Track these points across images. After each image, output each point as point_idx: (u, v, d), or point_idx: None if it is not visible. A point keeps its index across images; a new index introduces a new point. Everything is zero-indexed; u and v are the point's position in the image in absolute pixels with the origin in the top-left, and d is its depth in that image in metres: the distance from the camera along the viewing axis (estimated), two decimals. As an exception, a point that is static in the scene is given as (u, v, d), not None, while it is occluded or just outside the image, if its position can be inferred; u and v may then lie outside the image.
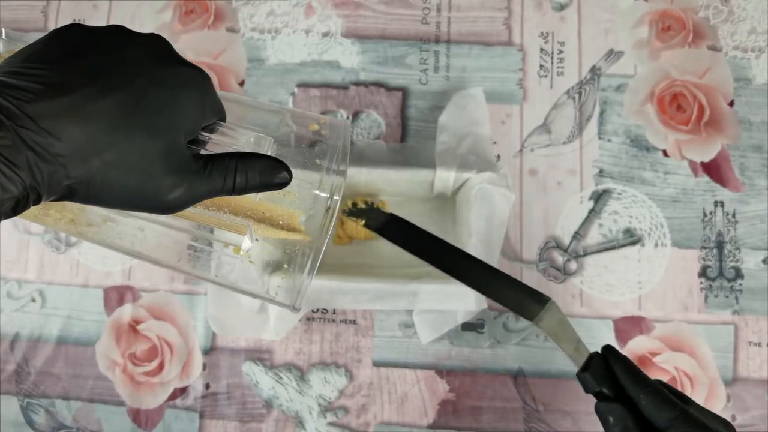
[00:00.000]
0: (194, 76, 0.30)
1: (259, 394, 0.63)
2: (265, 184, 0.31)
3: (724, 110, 0.66)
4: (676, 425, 0.37)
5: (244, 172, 0.30)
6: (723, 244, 0.64)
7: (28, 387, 0.64)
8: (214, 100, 0.32)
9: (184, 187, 0.29)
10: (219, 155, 0.31)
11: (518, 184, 0.65)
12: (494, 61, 0.68)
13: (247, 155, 0.31)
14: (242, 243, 0.36)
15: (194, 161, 0.30)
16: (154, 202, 0.29)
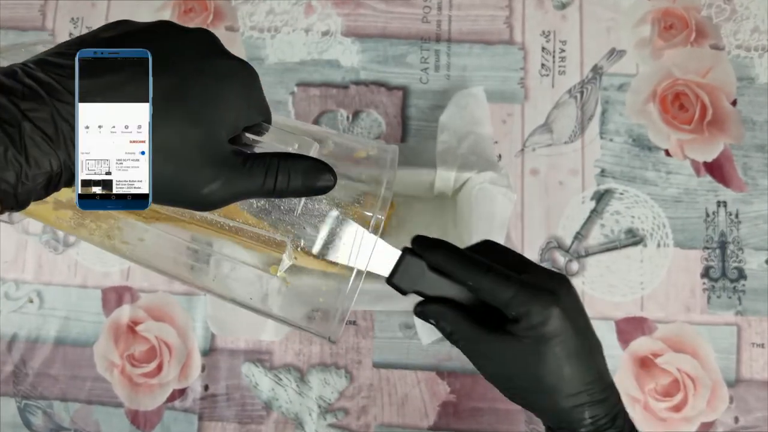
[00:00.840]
0: (239, 69, 0.30)
1: (258, 395, 0.63)
2: (308, 186, 0.30)
3: (727, 110, 0.66)
4: (514, 303, 0.34)
5: (286, 171, 0.29)
6: (726, 244, 0.64)
7: (26, 388, 0.64)
8: (258, 97, 0.31)
9: (221, 181, 0.28)
10: (261, 153, 0.29)
11: (519, 184, 0.65)
12: (495, 60, 0.68)
13: (290, 155, 0.30)
14: (281, 263, 0.36)
15: (234, 156, 0.28)
16: (189, 194, 0.28)
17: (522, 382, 0.36)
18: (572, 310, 0.35)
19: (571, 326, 0.35)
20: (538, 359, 0.34)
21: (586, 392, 0.35)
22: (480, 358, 0.36)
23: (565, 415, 0.35)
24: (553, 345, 0.34)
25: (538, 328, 0.34)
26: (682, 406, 0.61)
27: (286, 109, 0.67)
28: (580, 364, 0.35)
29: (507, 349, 0.35)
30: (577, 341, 0.35)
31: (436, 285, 0.36)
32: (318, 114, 0.67)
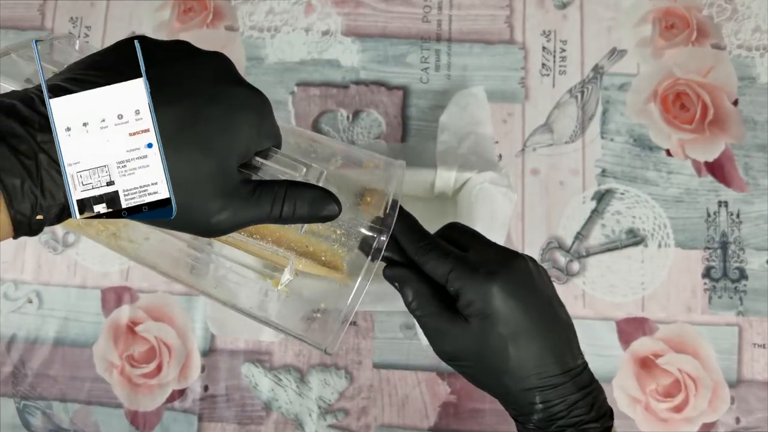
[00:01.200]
0: (253, 97, 0.30)
1: (258, 396, 0.63)
2: (313, 215, 0.30)
3: (728, 109, 0.66)
4: (451, 279, 0.35)
5: (292, 201, 0.30)
6: (727, 244, 0.64)
7: (25, 389, 0.64)
8: (271, 125, 0.31)
9: (230, 211, 0.28)
10: (269, 182, 0.30)
11: (520, 183, 0.66)
12: (496, 59, 0.68)
13: (297, 184, 0.30)
14: (281, 276, 0.36)
15: (243, 186, 0.29)
16: (198, 224, 0.28)
17: (469, 362, 0.35)
18: (520, 288, 0.35)
19: (516, 305, 0.34)
20: (482, 339, 0.34)
21: (536, 375, 0.34)
22: (432, 332, 0.36)
23: (515, 399, 0.35)
24: (494, 324, 0.34)
25: (476, 305, 0.34)
26: (684, 407, 0.61)
27: (286, 109, 0.68)
28: (529, 345, 0.34)
29: (454, 327, 0.35)
30: (525, 321, 0.34)
31: (403, 256, 0.37)
32: (318, 114, 0.67)
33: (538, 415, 0.34)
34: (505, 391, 0.35)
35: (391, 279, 0.37)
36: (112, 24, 0.69)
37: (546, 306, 0.36)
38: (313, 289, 0.41)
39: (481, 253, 0.36)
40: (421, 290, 0.36)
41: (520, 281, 0.35)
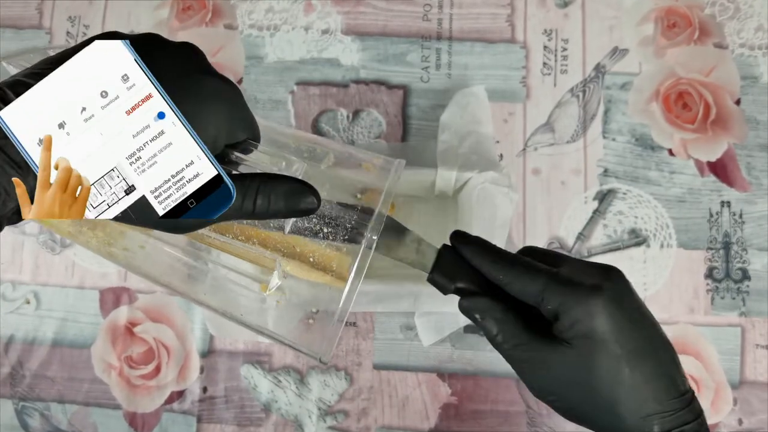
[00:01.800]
0: (221, 87, 0.28)
1: (257, 397, 0.63)
2: (290, 208, 0.28)
3: (731, 109, 0.66)
4: (548, 296, 0.31)
5: (266, 194, 0.28)
6: (730, 244, 0.64)
7: (23, 390, 0.64)
8: (242, 115, 0.30)
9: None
10: (240, 175, 0.28)
11: (521, 183, 0.65)
12: (497, 58, 0.68)
13: (271, 176, 0.28)
14: (270, 280, 0.34)
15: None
16: (161, 221, 0.26)
17: (575, 393, 0.31)
18: (624, 303, 0.31)
19: (626, 321, 0.31)
20: (590, 363, 0.30)
21: (655, 399, 0.30)
22: (525, 365, 0.32)
23: (629, 429, 0.31)
24: (605, 344, 0.30)
25: (582, 324, 0.30)
26: (686, 408, 0.61)
27: (286, 108, 0.67)
28: (644, 366, 0.31)
29: (553, 354, 0.31)
30: (636, 338, 0.31)
31: (476, 281, 0.34)
32: (318, 113, 0.67)
33: None
34: (620, 423, 0.31)
35: (470, 311, 0.33)
36: (111, 23, 0.69)
37: (651, 323, 0.33)
38: (306, 294, 0.40)
39: (574, 267, 0.32)
40: (507, 318, 0.32)
41: (625, 295, 0.32)
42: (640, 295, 0.63)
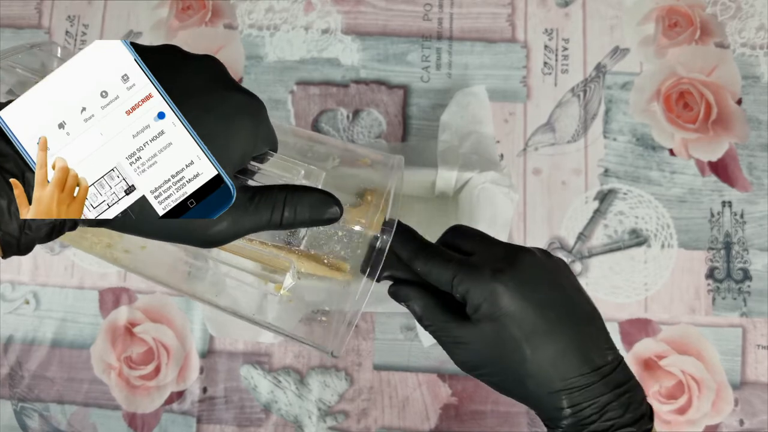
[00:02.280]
0: (248, 103, 0.29)
1: (257, 398, 0.63)
2: (314, 219, 0.30)
3: (732, 108, 0.66)
4: (456, 283, 0.34)
5: (293, 206, 0.29)
6: (731, 245, 0.64)
7: (22, 391, 0.64)
8: (267, 130, 0.31)
9: (229, 222, 0.27)
10: (267, 188, 0.29)
11: (522, 183, 0.66)
12: (497, 58, 0.68)
13: (296, 188, 0.30)
14: (284, 280, 0.35)
15: (241, 194, 0.28)
16: (196, 236, 0.27)
17: (488, 368, 0.34)
18: (529, 284, 0.33)
19: (526, 302, 0.33)
20: (495, 343, 0.33)
21: (559, 377, 0.32)
22: (448, 345, 0.35)
23: (541, 404, 0.33)
24: (505, 325, 0.33)
25: (483, 308, 0.33)
26: (687, 409, 0.61)
27: (286, 108, 0.68)
28: (548, 345, 0.32)
29: (468, 334, 0.34)
30: (538, 318, 0.33)
31: (406, 271, 0.36)
32: (318, 113, 0.67)
33: (568, 420, 0.32)
34: (530, 397, 0.34)
35: (396, 297, 0.36)
36: (110, 22, 0.69)
37: (564, 300, 0.34)
38: (316, 292, 0.40)
39: (485, 253, 0.35)
40: (428, 303, 0.35)
41: (528, 276, 0.34)
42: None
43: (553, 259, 0.36)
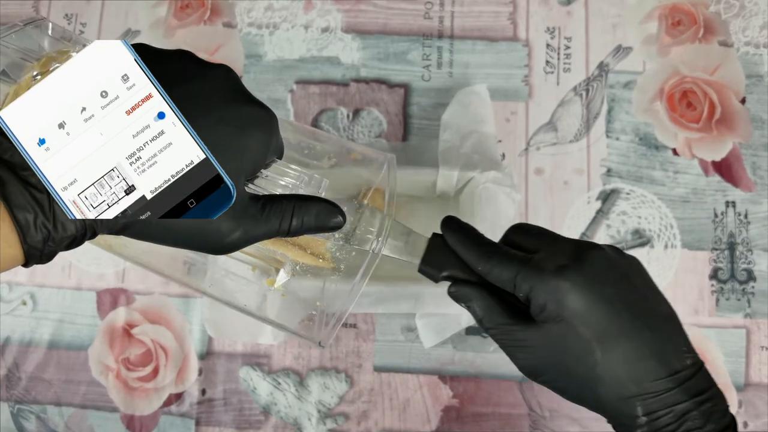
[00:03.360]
0: (261, 116, 0.30)
1: (256, 400, 0.63)
2: (319, 227, 0.32)
3: (736, 108, 0.66)
4: (519, 283, 0.32)
5: (300, 216, 0.31)
6: (735, 245, 0.64)
7: (19, 393, 0.64)
8: (277, 141, 0.32)
9: (242, 231, 0.29)
10: (276, 197, 0.31)
11: (524, 183, 0.66)
12: (499, 57, 0.68)
13: (304, 198, 0.31)
14: (278, 276, 0.37)
15: (252, 204, 0.29)
16: (210, 245, 0.29)
17: (554, 373, 0.32)
18: (598, 282, 0.31)
19: (596, 301, 0.31)
20: (561, 346, 0.31)
21: (634, 382, 0.30)
22: (509, 348, 0.33)
23: (614, 411, 0.31)
24: (572, 326, 0.31)
25: (549, 308, 0.31)
26: (690, 411, 0.61)
27: (285, 107, 0.68)
28: (620, 347, 0.31)
29: (532, 337, 0.32)
30: (610, 318, 0.31)
31: (465, 270, 0.35)
32: (318, 112, 0.68)
33: (642, 429, 0.31)
34: (600, 403, 0.32)
35: (456, 298, 0.35)
36: (108, 21, 0.70)
37: (637, 299, 0.32)
38: (309, 290, 0.41)
39: (550, 250, 0.33)
40: (489, 305, 0.34)
41: (597, 273, 0.32)
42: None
43: (626, 257, 0.34)
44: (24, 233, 0.24)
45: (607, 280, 0.32)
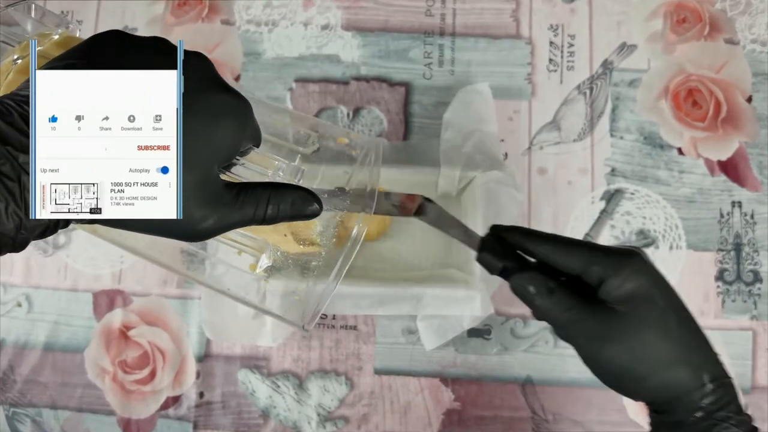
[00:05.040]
0: (234, 105, 0.30)
1: (255, 403, 0.63)
2: (295, 215, 0.32)
3: (742, 106, 0.66)
4: (591, 263, 0.34)
5: (276, 203, 0.31)
6: (741, 246, 0.64)
7: (14, 396, 0.64)
8: (253, 128, 0.32)
9: (215, 219, 0.30)
10: (251, 185, 0.31)
11: (526, 183, 0.66)
12: (501, 54, 0.68)
13: (279, 186, 0.32)
14: (259, 260, 0.37)
15: (226, 191, 0.30)
16: (183, 232, 0.29)
17: (628, 356, 0.33)
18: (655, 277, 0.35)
19: (662, 280, 0.34)
20: (640, 318, 0.33)
21: (700, 350, 0.34)
22: (582, 336, 0.34)
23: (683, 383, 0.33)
24: (650, 299, 0.34)
25: (627, 284, 0.33)
26: (696, 415, 0.61)
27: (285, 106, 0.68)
28: (687, 318, 0.35)
29: (604, 317, 0.34)
30: (674, 295, 0.35)
31: (521, 262, 0.37)
32: (317, 111, 0.68)
33: (708, 398, 0.33)
34: (671, 378, 0.33)
35: (523, 286, 0.35)
36: (105, 18, 0.70)
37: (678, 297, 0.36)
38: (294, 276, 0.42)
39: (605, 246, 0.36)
40: (557, 289, 0.34)
41: (654, 270, 0.35)
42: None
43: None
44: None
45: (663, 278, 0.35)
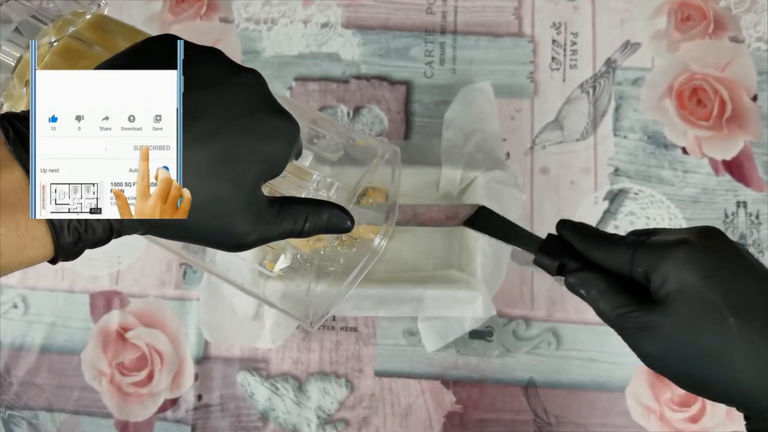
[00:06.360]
0: (286, 128, 0.32)
1: (254, 405, 0.63)
2: (329, 229, 0.35)
3: (747, 105, 0.66)
4: (636, 261, 0.33)
5: (313, 221, 0.34)
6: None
7: (10, 398, 0.64)
8: (298, 149, 0.34)
9: (257, 234, 0.31)
10: (291, 201, 0.33)
11: (529, 183, 0.66)
12: (503, 53, 0.68)
13: (317, 204, 0.34)
14: (277, 260, 0.39)
15: (269, 208, 0.32)
16: (226, 245, 0.31)
17: (684, 356, 0.31)
18: (719, 253, 0.32)
19: (722, 270, 0.31)
20: (690, 318, 0.31)
21: None
22: (633, 334, 0.33)
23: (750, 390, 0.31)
24: (701, 295, 0.31)
25: (672, 279, 0.31)
26: (700, 417, 0.61)
27: (284, 105, 0.68)
28: (755, 316, 0.30)
29: (654, 316, 0.32)
30: (740, 288, 0.31)
31: (579, 261, 0.37)
32: (317, 110, 0.68)
33: None
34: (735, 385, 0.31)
35: (575, 285, 0.36)
36: (102, 16, 0.70)
37: (761, 274, 0.32)
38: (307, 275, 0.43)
39: (667, 233, 0.34)
40: (608, 288, 0.34)
41: (720, 246, 0.33)
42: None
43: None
44: (57, 235, 0.26)
45: (729, 252, 0.32)
